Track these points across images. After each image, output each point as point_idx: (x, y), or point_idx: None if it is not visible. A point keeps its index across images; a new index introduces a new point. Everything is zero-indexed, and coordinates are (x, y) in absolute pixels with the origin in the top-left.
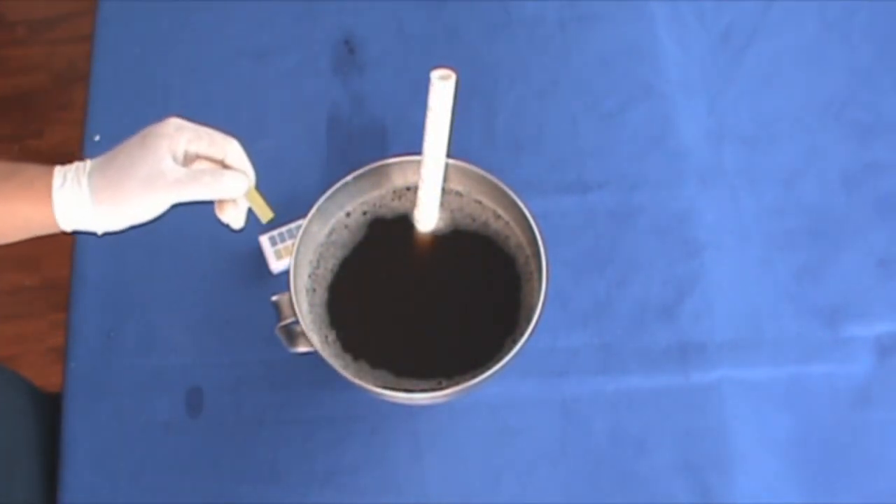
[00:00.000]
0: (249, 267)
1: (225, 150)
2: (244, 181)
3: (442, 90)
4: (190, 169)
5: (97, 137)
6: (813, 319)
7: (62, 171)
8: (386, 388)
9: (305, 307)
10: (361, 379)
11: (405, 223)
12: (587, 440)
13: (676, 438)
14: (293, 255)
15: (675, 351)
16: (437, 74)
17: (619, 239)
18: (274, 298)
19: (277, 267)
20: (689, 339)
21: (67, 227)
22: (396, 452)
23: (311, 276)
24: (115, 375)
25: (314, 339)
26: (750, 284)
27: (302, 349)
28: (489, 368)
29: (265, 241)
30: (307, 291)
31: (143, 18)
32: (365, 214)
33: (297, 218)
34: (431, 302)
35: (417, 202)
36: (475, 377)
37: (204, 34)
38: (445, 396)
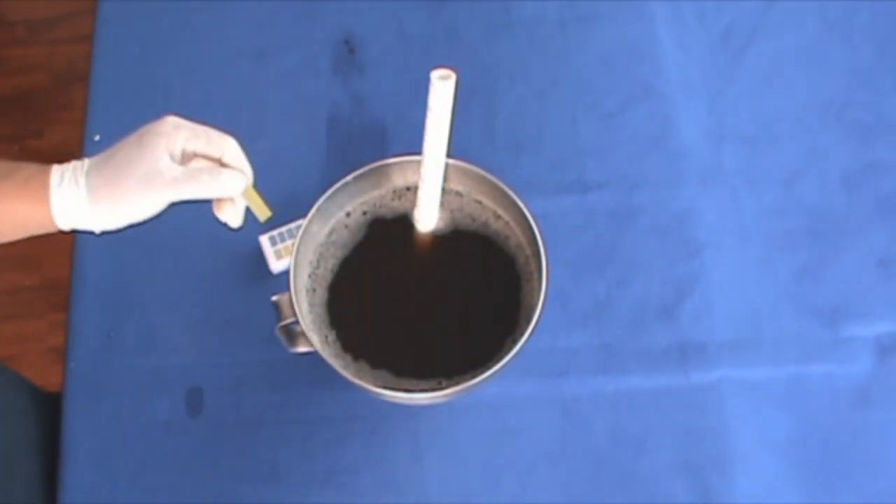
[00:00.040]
0: (249, 267)
1: (222, 148)
2: (242, 180)
3: (442, 90)
4: (187, 168)
5: (97, 137)
6: (813, 319)
7: (60, 169)
8: (386, 388)
9: (305, 307)
10: (361, 379)
11: (405, 223)
12: (587, 440)
13: (676, 438)
14: (293, 255)
15: (675, 351)
16: (437, 74)
17: (619, 239)
18: (274, 298)
19: (277, 267)
20: (689, 339)
21: (65, 226)
22: (396, 452)
23: (311, 276)
24: (115, 375)
25: (314, 339)
26: (750, 284)
27: (302, 349)
28: (489, 368)
29: (265, 241)
30: (307, 291)
31: (143, 18)
32: (365, 214)
33: (297, 218)
34: (431, 302)
35: (417, 202)
36: (475, 377)
37: (204, 34)
38: (445, 396)
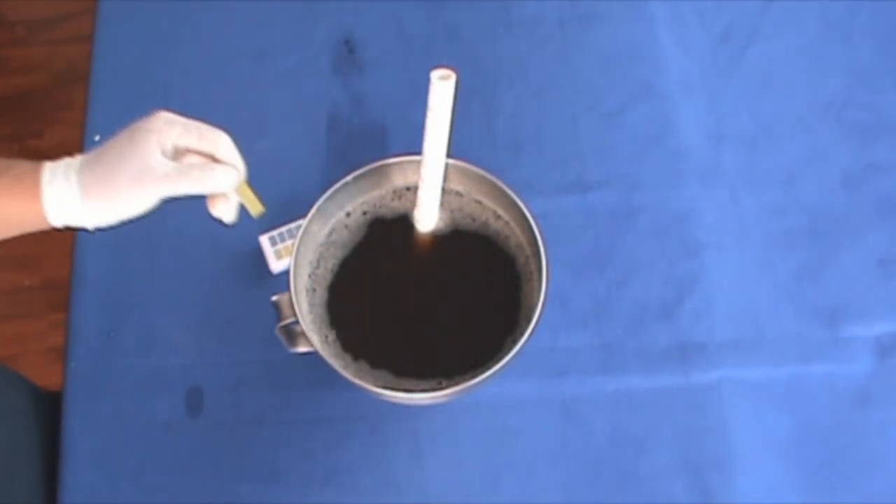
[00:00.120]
0: (249, 267)
1: (215, 143)
2: (234, 175)
3: (442, 90)
4: (179, 163)
5: (97, 137)
6: (813, 319)
7: (51, 167)
8: (386, 388)
9: (305, 307)
10: (361, 379)
11: (405, 223)
12: (587, 440)
13: (676, 438)
14: (293, 255)
15: (675, 351)
16: (437, 74)
17: (619, 239)
18: (274, 298)
19: (277, 267)
20: (689, 339)
21: (58, 222)
22: (396, 452)
23: (311, 276)
24: (115, 375)
25: (314, 339)
26: (750, 284)
27: (302, 349)
28: (489, 368)
29: (265, 241)
30: (307, 291)
31: (143, 18)
32: (365, 214)
33: (297, 218)
34: (431, 302)
35: (417, 202)
36: (475, 377)
37: (204, 34)
38: (445, 396)
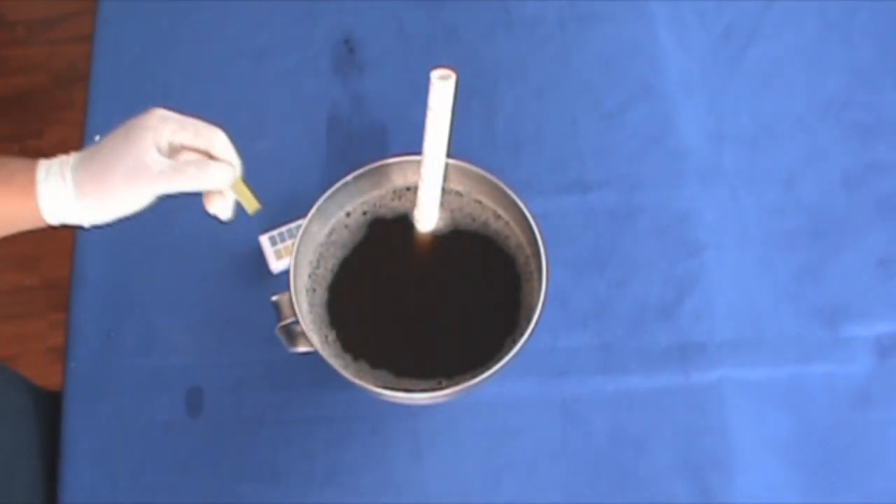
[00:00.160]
0: (249, 267)
1: (210, 140)
2: (230, 172)
3: (442, 90)
4: (175, 160)
5: (97, 137)
6: (813, 319)
7: (46, 164)
8: (386, 388)
9: (305, 307)
10: (361, 379)
11: (405, 223)
12: (587, 440)
13: (676, 438)
14: (293, 255)
15: (675, 351)
16: (437, 74)
17: (619, 239)
18: (274, 298)
19: (277, 267)
20: (689, 339)
21: (53, 220)
22: (396, 452)
23: (311, 276)
24: (115, 375)
25: (314, 339)
26: (750, 284)
27: (302, 349)
28: (489, 368)
29: (265, 241)
30: (307, 291)
31: (143, 18)
32: (365, 214)
33: (297, 218)
34: (431, 302)
35: (417, 202)
36: (475, 377)
37: (204, 34)
38: (445, 396)
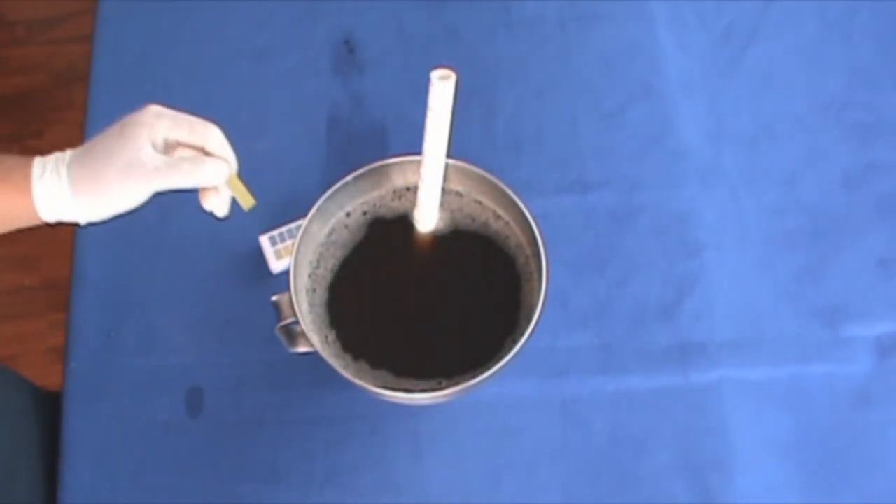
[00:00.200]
0: (249, 267)
1: (205, 136)
2: (225, 168)
3: (442, 90)
4: (170, 157)
5: None
6: (813, 319)
7: (42, 161)
8: (386, 388)
9: (305, 307)
10: (361, 379)
11: (405, 223)
12: (587, 440)
13: (676, 438)
14: (293, 255)
15: (675, 351)
16: (437, 74)
17: (619, 239)
18: (274, 298)
19: (277, 267)
20: (689, 339)
21: (49, 217)
22: (396, 452)
23: (311, 276)
24: (115, 375)
25: (314, 339)
26: (750, 284)
27: (302, 349)
28: (489, 368)
29: (265, 241)
30: (307, 291)
31: (143, 18)
32: (365, 214)
33: (297, 218)
34: (431, 302)
35: (417, 202)
36: (475, 377)
37: (204, 34)
38: (445, 396)
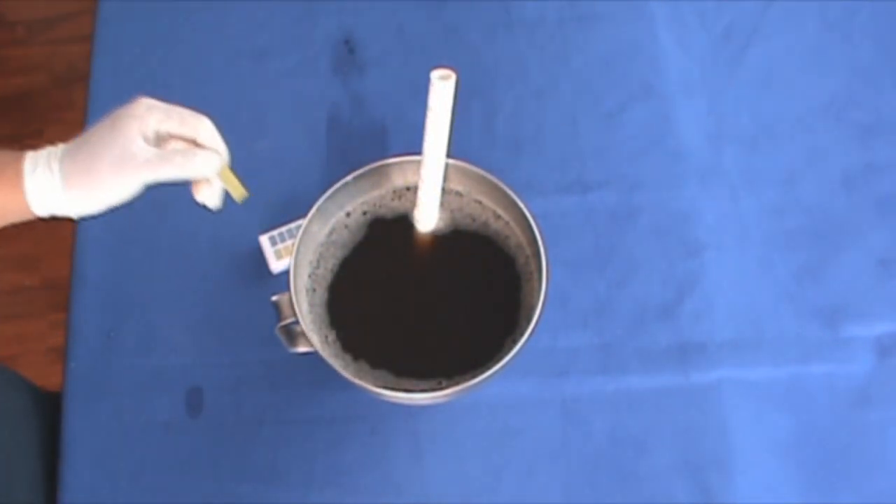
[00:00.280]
0: (249, 267)
1: (196, 128)
2: (216, 160)
3: (442, 90)
4: (161, 149)
5: None
6: (813, 319)
7: (34, 156)
8: (386, 388)
9: (305, 307)
10: (361, 379)
11: (405, 223)
12: (587, 440)
13: (676, 438)
14: (293, 255)
15: (675, 351)
16: (437, 74)
17: (619, 239)
18: (274, 298)
19: (277, 267)
20: (689, 339)
21: (41, 212)
22: (396, 452)
23: (311, 276)
24: (115, 375)
25: (314, 339)
26: (750, 284)
27: (302, 349)
28: (489, 368)
29: (265, 241)
30: (307, 291)
31: (143, 18)
32: (365, 214)
33: (297, 218)
34: (431, 302)
35: (417, 202)
36: (475, 377)
37: (204, 34)
38: (445, 396)
